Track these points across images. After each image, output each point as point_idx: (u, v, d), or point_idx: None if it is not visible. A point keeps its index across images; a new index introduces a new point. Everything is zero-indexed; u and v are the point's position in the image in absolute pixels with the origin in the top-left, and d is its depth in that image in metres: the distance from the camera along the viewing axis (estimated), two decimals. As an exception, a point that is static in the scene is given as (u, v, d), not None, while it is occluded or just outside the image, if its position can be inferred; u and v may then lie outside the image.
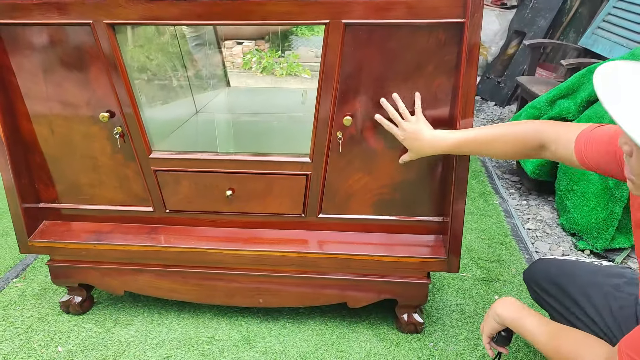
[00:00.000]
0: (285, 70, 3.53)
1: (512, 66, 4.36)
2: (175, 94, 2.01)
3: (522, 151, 1.23)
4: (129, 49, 1.59)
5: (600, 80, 0.79)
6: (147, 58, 1.79)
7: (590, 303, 1.22)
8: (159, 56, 1.90)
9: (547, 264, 1.42)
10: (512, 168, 3.06)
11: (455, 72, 1.30)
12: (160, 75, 1.92)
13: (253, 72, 3.74)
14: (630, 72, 0.82)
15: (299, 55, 3.49)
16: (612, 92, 0.76)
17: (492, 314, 1.22)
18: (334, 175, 1.47)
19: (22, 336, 1.64)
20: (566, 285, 1.30)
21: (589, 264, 1.36)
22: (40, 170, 1.57)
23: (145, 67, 1.77)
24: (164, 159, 1.50)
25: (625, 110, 0.73)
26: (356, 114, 1.38)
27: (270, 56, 3.72)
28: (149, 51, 1.82)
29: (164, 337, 1.63)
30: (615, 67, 0.83)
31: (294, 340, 1.61)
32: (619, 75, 0.81)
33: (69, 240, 1.60)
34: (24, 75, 1.43)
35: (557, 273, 1.35)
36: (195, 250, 1.57)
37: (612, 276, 1.25)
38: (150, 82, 1.79)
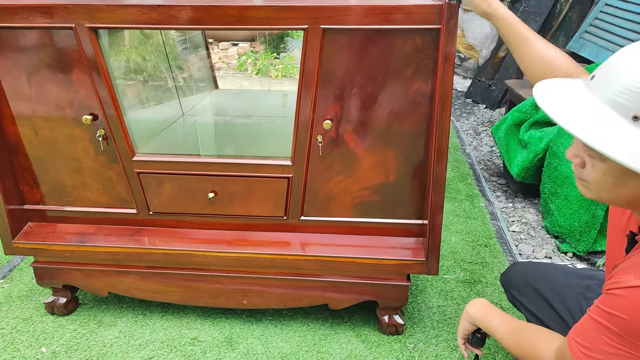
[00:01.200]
0: (281, 72, 3.55)
1: (503, 69, 4.39)
2: (161, 97, 2.02)
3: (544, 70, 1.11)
4: (113, 51, 1.61)
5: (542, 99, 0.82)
6: (132, 61, 1.81)
7: (563, 304, 1.25)
8: (145, 59, 1.91)
9: (523, 266, 1.44)
10: (500, 171, 3.09)
11: (432, 76, 1.32)
12: (147, 78, 1.93)
13: (249, 74, 3.75)
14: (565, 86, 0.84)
15: (294, 57, 3.50)
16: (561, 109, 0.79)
17: (465, 314, 1.25)
18: (315, 178, 1.49)
19: (7, 337, 1.65)
20: (541, 287, 1.33)
21: (564, 267, 1.38)
22: (24, 172, 1.58)
23: (130, 70, 1.78)
24: (147, 162, 1.52)
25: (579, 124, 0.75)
26: (336, 117, 1.40)
27: (266, 58, 3.74)
28: (135, 54, 1.84)
29: (148, 338, 1.64)
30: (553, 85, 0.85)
31: (276, 342, 1.63)
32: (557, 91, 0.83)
33: (53, 242, 1.61)
34: (8, 77, 1.44)
35: (533, 275, 1.38)
36: (179, 252, 1.58)
37: (585, 278, 1.28)
38: (135, 85, 1.81)
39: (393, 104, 1.37)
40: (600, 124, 0.75)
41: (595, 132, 0.74)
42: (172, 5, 1.28)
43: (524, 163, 2.44)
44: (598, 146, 0.73)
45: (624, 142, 0.72)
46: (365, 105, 1.38)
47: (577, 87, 0.82)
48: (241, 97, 2.48)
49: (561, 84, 0.86)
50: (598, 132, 0.74)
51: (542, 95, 0.84)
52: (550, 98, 0.82)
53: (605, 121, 0.75)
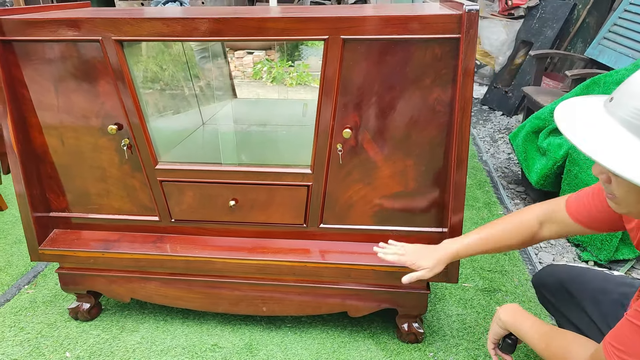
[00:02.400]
0: (295, 80, 3.58)
1: (520, 76, 4.37)
2: (182, 106, 2.06)
3: (525, 238, 1.27)
4: (136, 62, 1.65)
5: (562, 120, 0.86)
6: (154, 71, 1.85)
7: (598, 310, 1.23)
8: (166, 69, 1.95)
9: (557, 269, 1.43)
10: (518, 178, 3.07)
11: (452, 85, 1.33)
12: (168, 88, 1.97)
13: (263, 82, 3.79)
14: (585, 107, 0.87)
15: (309, 65, 3.53)
16: (577, 130, 0.82)
17: (496, 318, 1.26)
18: (335, 186, 1.50)
19: (32, 341, 1.68)
20: (576, 291, 1.31)
21: (600, 272, 1.36)
22: (51, 180, 1.62)
23: (152, 80, 1.82)
24: (170, 170, 1.55)
25: (594, 144, 0.78)
26: (355, 126, 1.41)
27: (280, 66, 3.77)
28: (157, 64, 1.88)
29: (169, 344, 1.67)
30: (572, 105, 0.89)
31: (295, 349, 1.64)
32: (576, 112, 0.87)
33: (78, 249, 1.64)
34: (36, 88, 1.49)
35: (567, 278, 1.36)
36: (200, 259, 1.61)
37: (623, 285, 1.26)
38: (157, 94, 1.84)
39: (412, 113, 1.38)
40: (616, 146, 0.77)
41: (612, 154, 0.76)
42: (195, 18, 1.32)
43: (543, 170, 2.42)
44: (614, 168, 0.75)
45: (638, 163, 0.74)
46: (384, 114, 1.39)
47: (596, 109, 0.84)
48: (260, 105, 2.51)
49: (581, 106, 0.88)
50: (615, 154, 0.76)
51: (562, 119, 0.86)
52: (569, 121, 0.85)
53: (622, 143, 0.77)
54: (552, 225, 1.25)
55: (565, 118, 0.86)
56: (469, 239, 1.32)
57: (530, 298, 1.87)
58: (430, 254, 1.32)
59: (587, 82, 2.48)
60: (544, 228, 1.26)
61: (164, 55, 1.96)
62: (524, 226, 1.27)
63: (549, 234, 1.26)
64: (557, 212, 1.23)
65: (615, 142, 0.77)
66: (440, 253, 1.31)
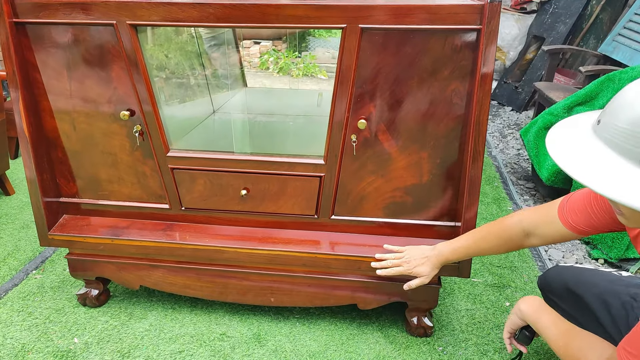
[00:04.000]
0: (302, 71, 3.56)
1: (530, 71, 4.33)
2: (193, 94, 2.04)
3: (509, 245, 1.31)
4: (149, 48, 1.63)
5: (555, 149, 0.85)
6: (166, 57, 1.83)
7: (607, 312, 1.21)
8: (178, 56, 1.93)
9: (563, 271, 1.41)
10: (528, 174, 3.04)
11: (470, 78, 1.31)
12: (179, 75, 1.95)
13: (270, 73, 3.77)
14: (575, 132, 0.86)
15: (316, 56, 3.51)
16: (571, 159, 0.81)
17: (516, 308, 1.24)
18: (347, 177, 1.49)
19: (40, 327, 1.68)
20: (583, 293, 1.29)
21: (608, 273, 1.34)
22: (61, 165, 1.61)
23: (164, 67, 1.81)
24: (181, 158, 1.54)
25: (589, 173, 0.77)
26: (371, 117, 1.39)
27: (288, 57, 3.75)
28: (169, 51, 1.86)
29: (177, 332, 1.66)
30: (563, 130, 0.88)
31: (304, 340, 1.63)
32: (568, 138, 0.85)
33: (87, 235, 1.64)
34: (49, 72, 1.47)
35: (573, 281, 1.34)
36: (209, 248, 1.60)
37: (632, 286, 1.24)
38: (169, 81, 1.83)
39: (429, 105, 1.36)
40: (610, 172, 0.76)
41: (606, 180, 0.75)
42: (210, 3, 1.30)
43: (554, 167, 2.40)
44: (610, 194, 0.74)
45: (633, 187, 0.73)
46: (400, 105, 1.37)
47: (585, 135, 0.83)
48: (271, 95, 2.49)
49: (570, 133, 0.87)
50: (610, 181, 0.75)
51: (554, 148, 0.85)
52: (560, 148, 0.84)
53: (615, 168, 0.76)
54: (540, 235, 1.25)
55: (557, 148, 0.85)
56: (458, 243, 1.37)
57: (540, 295, 1.86)
58: (427, 260, 1.38)
59: (601, 79, 2.45)
60: (531, 238, 1.27)
61: (176, 42, 1.95)
62: (508, 236, 1.30)
63: (537, 242, 1.27)
64: (548, 223, 1.22)
65: (609, 169, 0.76)
66: (435, 259, 1.37)
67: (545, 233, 1.23)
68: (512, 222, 1.30)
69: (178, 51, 1.95)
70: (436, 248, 1.40)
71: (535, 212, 1.27)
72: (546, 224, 1.22)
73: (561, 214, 1.19)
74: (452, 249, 1.37)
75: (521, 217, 1.29)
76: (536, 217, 1.26)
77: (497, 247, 1.32)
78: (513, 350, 1.33)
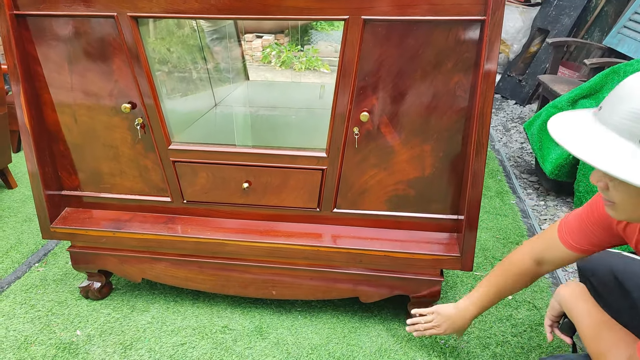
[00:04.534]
0: (304, 65, 3.55)
1: (534, 64, 4.30)
2: (195, 87, 2.03)
3: (526, 279, 1.30)
4: (150, 41, 1.62)
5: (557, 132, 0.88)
6: (168, 50, 1.82)
7: None
8: (179, 49, 1.93)
9: (610, 256, 1.32)
10: (531, 168, 3.03)
11: (474, 70, 1.30)
12: (181, 68, 1.95)
13: (272, 66, 3.76)
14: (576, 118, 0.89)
15: (319, 50, 3.49)
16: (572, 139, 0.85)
17: (556, 293, 1.20)
18: (350, 170, 1.48)
19: (43, 319, 1.69)
20: (631, 286, 1.22)
21: None
22: (63, 158, 1.61)
23: (166, 60, 1.80)
24: (183, 151, 1.53)
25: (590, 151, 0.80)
26: (373, 110, 1.38)
27: (290, 50, 3.73)
28: (170, 44, 1.85)
29: (179, 324, 1.67)
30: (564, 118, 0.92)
31: (305, 333, 1.63)
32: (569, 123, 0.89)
33: (89, 228, 1.64)
34: (50, 65, 1.47)
35: (622, 270, 1.26)
36: (211, 241, 1.60)
37: None
38: (170, 74, 1.82)
39: (432, 98, 1.35)
40: (611, 151, 0.79)
41: (606, 157, 0.78)
42: (212, -5, 1.29)
43: (558, 160, 2.39)
44: (611, 171, 0.76)
45: (633, 164, 0.76)
46: (403, 97, 1.36)
47: (586, 119, 0.87)
48: (273, 88, 2.48)
49: (572, 117, 0.90)
50: (610, 158, 0.78)
51: (555, 129, 0.88)
52: (563, 131, 0.87)
53: (615, 147, 0.79)
54: (550, 261, 1.25)
55: (559, 130, 0.88)
56: (478, 295, 1.38)
57: (543, 288, 1.85)
58: (461, 323, 1.41)
59: (606, 72, 2.43)
60: (544, 266, 1.27)
61: (178, 35, 1.94)
62: (523, 272, 1.30)
63: (550, 268, 1.27)
64: (552, 247, 1.23)
65: (609, 147, 0.79)
66: (467, 320, 1.41)
67: (554, 258, 1.23)
68: (520, 256, 1.31)
69: (180, 44, 1.94)
70: (459, 307, 1.42)
71: (539, 240, 1.28)
72: (551, 248, 1.23)
73: (561, 236, 1.20)
74: (474, 303, 1.39)
75: (527, 248, 1.30)
76: (541, 243, 1.27)
77: (516, 283, 1.32)
78: (553, 338, 1.27)
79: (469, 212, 1.41)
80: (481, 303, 1.38)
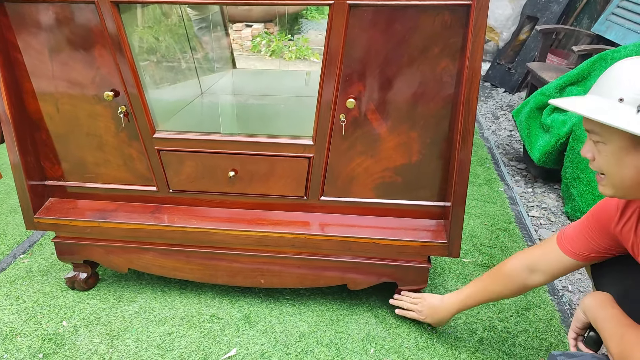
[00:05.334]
0: (295, 54, 3.52)
1: (524, 52, 4.30)
2: (180, 75, 2.00)
3: (515, 287, 1.32)
4: (134, 29, 1.59)
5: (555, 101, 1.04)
6: (153, 38, 1.79)
7: None
8: (165, 37, 1.89)
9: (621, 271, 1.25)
10: (519, 155, 3.04)
11: (460, 55, 1.29)
12: (166, 56, 1.92)
13: (262, 55, 3.72)
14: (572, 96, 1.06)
15: (309, 39, 3.46)
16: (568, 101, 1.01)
17: (581, 303, 1.16)
18: (337, 158, 1.47)
19: (29, 310, 1.67)
20: None
21: None
22: (46, 147, 1.58)
23: (150, 48, 1.77)
24: (168, 139, 1.51)
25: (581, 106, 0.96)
26: (360, 96, 1.37)
27: (280, 39, 3.70)
28: (156, 32, 1.82)
29: (167, 314, 1.66)
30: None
31: (294, 321, 1.63)
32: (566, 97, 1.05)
33: (74, 218, 1.62)
34: (30, 52, 1.43)
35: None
36: (198, 230, 1.58)
37: None
38: (155, 62, 1.79)
39: (418, 84, 1.34)
40: (592, 105, 0.95)
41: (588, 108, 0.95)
42: (195, -21, 1.26)
43: (545, 147, 2.40)
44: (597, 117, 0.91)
45: (615, 114, 0.91)
46: (390, 84, 1.35)
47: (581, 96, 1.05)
48: (260, 76, 2.45)
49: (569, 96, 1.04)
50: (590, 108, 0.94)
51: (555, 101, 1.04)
52: (561, 100, 1.03)
53: (595, 103, 0.95)
54: (543, 270, 1.25)
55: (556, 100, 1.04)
56: (465, 293, 1.43)
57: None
58: (441, 315, 1.48)
59: (594, 58, 2.43)
60: (534, 274, 1.27)
61: (164, 24, 1.90)
62: (513, 277, 1.31)
63: (541, 278, 1.27)
64: (549, 254, 1.24)
65: (591, 103, 0.96)
66: (448, 315, 1.47)
67: (549, 266, 1.24)
68: (514, 261, 1.32)
69: (165, 33, 1.91)
70: (444, 301, 1.47)
71: (535, 248, 1.30)
72: (547, 255, 1.24)
73: (561, 244, 1.21)
74: (460, 301, 1.43)
75: (522, 255, 1.31)
76: (536, 251, 1.28)
77: (504, 289, 1.34)
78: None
79: (456, 198, 1.41)
80: (465, 301, 1.42)
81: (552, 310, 1.69)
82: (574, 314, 1.27)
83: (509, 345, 1.54)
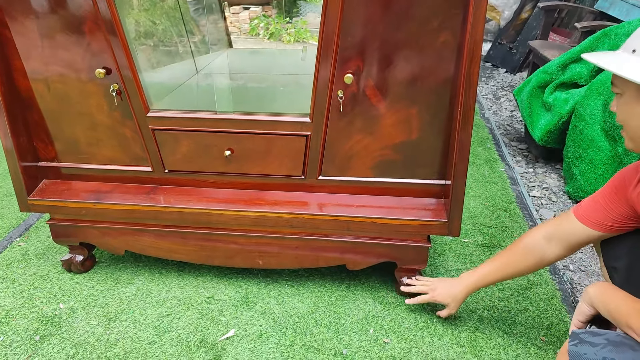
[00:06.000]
0: (293, 37, 3.46)
1: (525, 31, 4.23)
2: (175, 54, 1.96)
3: (535, 260, 1.28)
4: (126, 8, 1.55)
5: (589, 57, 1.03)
6: (146, 15, 1.75)
7: None
8: (159, 15, 1.85)
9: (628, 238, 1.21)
10: (520, 136, 3.01)
11: (461, 28, 1.25)
12: (160, 35, 1.87)
13: (260, 39, 3.67)
14: None
15: (307, 22, 3.40)
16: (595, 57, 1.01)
17: (584, 295, 1.13)
18: (335, 136, 1.44)
19: (25, 293, 1.66)
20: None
21: None
22: (38, 128, 1.55)
23: (144, 26, 1.72)
24: (162, 118, 1.48)
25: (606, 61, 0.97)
26: (358, 71, 1.33)
27: (278, 22, 3.64)
28: (150, 11, 1.77)
29: (164, 296, 1.64)
30: None
31: (292, 302, 1.62)
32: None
33: (68, 199, 1.59)
34: (19, 29, 1.39)
35: None
36: (194, 211, 1.56)
37: None
38: (149, 40, 1.75)
39: (418, 58, 1.30)
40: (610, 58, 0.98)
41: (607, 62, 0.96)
42: (186, -50, 1.22)
43: (547, 126, 2.36)
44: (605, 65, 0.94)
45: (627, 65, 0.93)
46: (389, 58, 1.31)
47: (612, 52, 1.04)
48: (256, 55, 2.41)
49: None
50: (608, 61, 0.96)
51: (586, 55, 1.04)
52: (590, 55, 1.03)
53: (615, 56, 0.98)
54: (560, 239, 1.23)
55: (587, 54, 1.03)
56: (482, 271, 1.39)
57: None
58: (457, 292, 1.42)
59: (597, 35, 2.38)
60: (552, 246, 1.25)
61: (157, 6, 1.85)
62: (530, 248, 1.29)
63: (559, 249, 1.24)
64: (565, 224, 1.22)
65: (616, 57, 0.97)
66: (464, 290, 1.42)
67: (566, 236, 1.22)
68: (530, 234, 1.30)
69: (160, 10, 1.86)
70: (461, 278, 1.43)
71: (550, 221, 1.28)
72: (565, 225, 1.22)
73: (577, 214, 1.20)
74: (477, 277, 1.39)
75: (539, 227, 1.29)
76: (554, 221, 1.26)
77: (522, 261, 1.31)
78: None
79: (457, 174, 1.38)
80: (483, 278, 1.38)
81: (553, 289, 1.68)
82: (575, 298, 1.25)
83: (509, 324, 1.53)
